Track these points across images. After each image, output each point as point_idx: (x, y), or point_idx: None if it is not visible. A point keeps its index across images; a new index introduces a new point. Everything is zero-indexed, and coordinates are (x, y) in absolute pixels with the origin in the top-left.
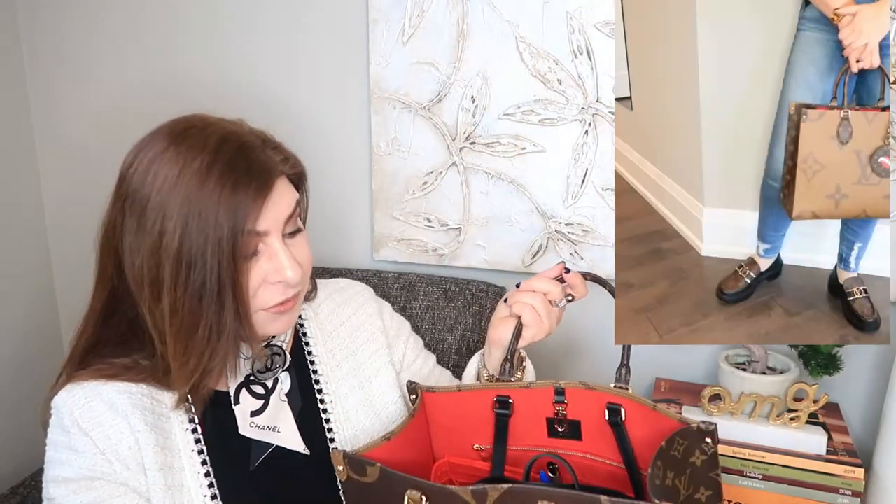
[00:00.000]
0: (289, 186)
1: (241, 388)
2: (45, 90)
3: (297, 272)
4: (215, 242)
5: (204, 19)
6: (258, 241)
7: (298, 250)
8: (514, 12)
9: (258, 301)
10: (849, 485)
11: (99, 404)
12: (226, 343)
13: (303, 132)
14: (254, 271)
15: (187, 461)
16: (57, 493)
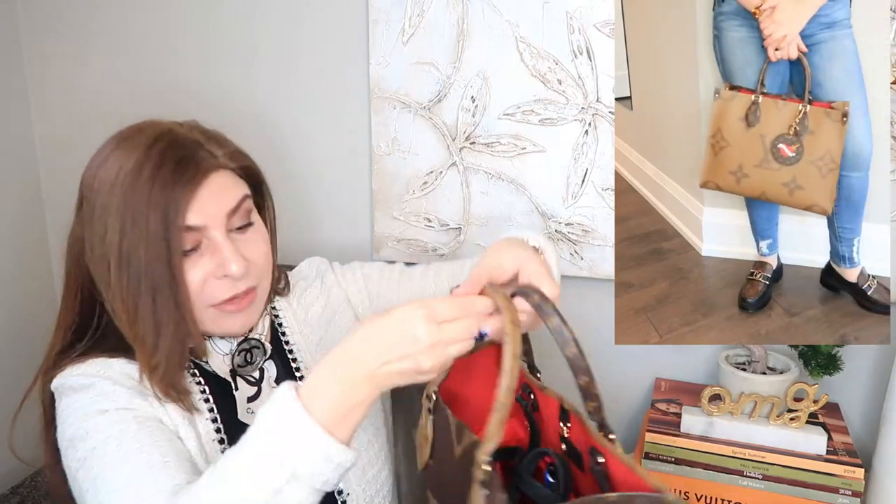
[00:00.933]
0: (232, 180)
1: (236, 377)
2: (44, 86)
3: (241, 266)
4: (148, 239)
5: (204, 19)
6: (197, 236)
7: (249, 245)
8: (514, 12)
9: (206, 297)
10: (849, 485)
11: (114, 372)
12: (168, 338)
13: (303, 132)
14: (197, 267)
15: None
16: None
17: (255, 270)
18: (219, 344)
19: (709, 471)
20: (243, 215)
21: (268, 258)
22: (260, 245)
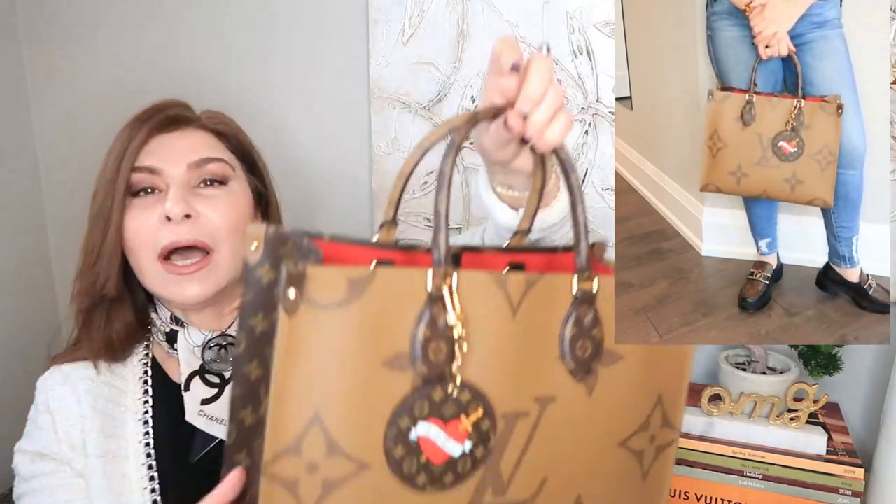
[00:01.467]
0: (211, 141)
1: (194, 377)
2: (44, 82)
3: (181, 208)
4: (107, 174)
5: (204, 20)
6: (153, 180)
7: (209, 200)
8: (514, 12)
9: (148, 242)
10: (849, 485)
11: (66, 388)
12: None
13: (303, 132)
14: (145, 209)
15: (132, 451)
16: (16, 461)
17: (207, 226)
18: (192, 335)
19: (708, 471)
20: (210, 174)
21: (231, 224)
22: (224, 206)
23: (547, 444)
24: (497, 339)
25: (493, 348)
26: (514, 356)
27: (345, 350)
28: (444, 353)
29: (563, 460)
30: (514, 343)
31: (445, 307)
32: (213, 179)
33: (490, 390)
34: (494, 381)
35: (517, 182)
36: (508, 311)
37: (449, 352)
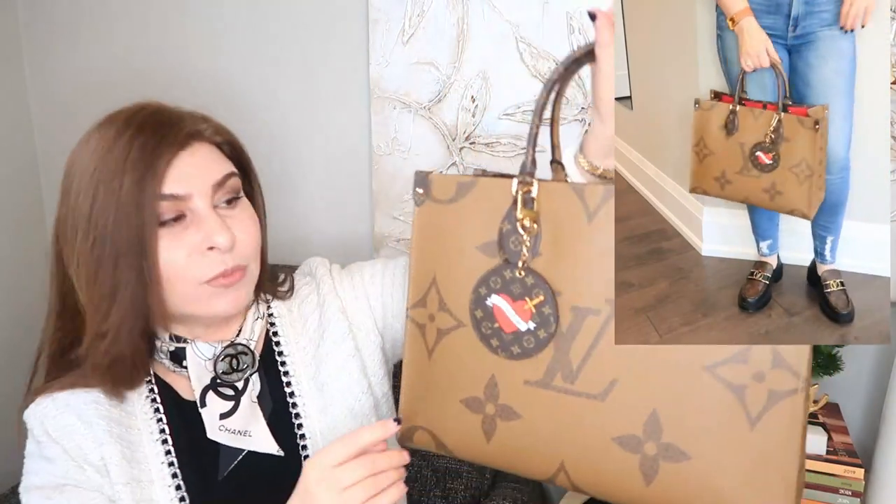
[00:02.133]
0: (217, 154)
1: (208, 391)
2: (43, 81)
3: (227, 237)
4: (119, 204)
5: (204, 20)
6: (179, 206)
7: (237, 221)
8: (514, 12)
9: (193, 273)
10: (849, 485)
11: (69, 415)
12: (122, 305)
13: (303, 132)
14: (180, 240)
15: (157, 474)
16: (30, 501)
17: (242, 249)
18: (201, 348)
19: None
20: (230, 191)
21: (257, 240)
22: (248, 224)
23: (617, 346)
24: (571, 240)
25: (566, 247)
26: (587, 257)
27: (452, 234)
28: (519, 244)
29: (634, 367)
30: (588, 246)
31: (524, 207)
32: (232, 197)
33: (558, 283)
34: (566, 276)
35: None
36: (584, 217)
37: (522, 243)
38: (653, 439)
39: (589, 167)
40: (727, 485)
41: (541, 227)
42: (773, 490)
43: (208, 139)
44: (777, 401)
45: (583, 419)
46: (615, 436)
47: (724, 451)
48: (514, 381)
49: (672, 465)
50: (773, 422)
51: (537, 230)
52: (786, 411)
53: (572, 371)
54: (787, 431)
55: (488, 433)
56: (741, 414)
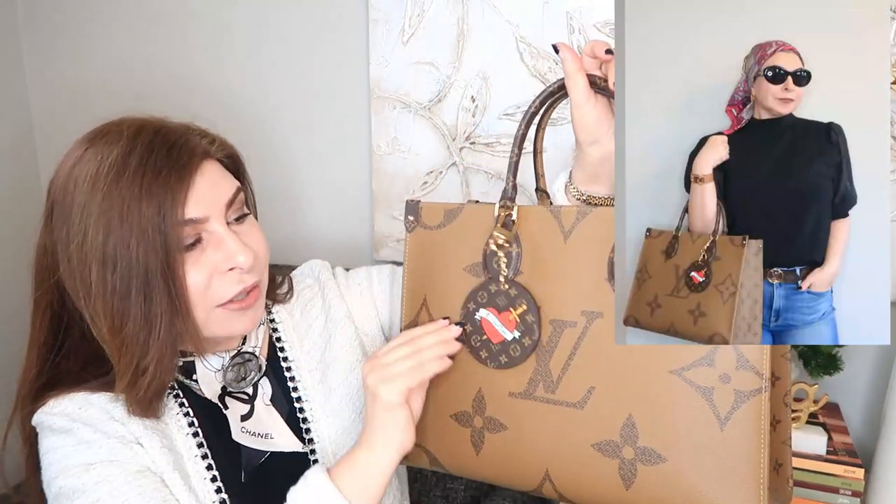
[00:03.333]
0: (222, 171)
1: (225, 396)
2: (44, 81)
3: (248, 256)
4: (141, 234)
5: (206, 18)
6: (198, 229)
7: (249, 237)
8: (514, 12)
9: (213, 295)
10: (849, 485)
11: (96, 411)
12: (159, 338)
13: (303, 132)
14: (200, 263)
15: (192, 468)
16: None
17: (258, 263)
18: (209, 360)
19: None
20: (239, 207)
21: (267, 251)
22: (260, 238)
23: (593, 355)
24: (549, 258)
25: (545, 265)
26: (563, 273)
27: (440, 258)
28: (502, 262)
29: (609, 375)
30: (565, 263)
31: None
32: (242, 214)
33: (539, 299)
34: (545, 291)
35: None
36: (561, 236)
37: (505, 261)
38: (629, 443)
39: (577, 194)
40: (702, 484)
41: (521, 247)
42: (745, 486)
43: (213, 157)
44: (744, 400)
45: (564, 427)
46: (595, 442)
47: (697, 451)
48: (499, 394)
49: (649, 468)
50: (741, 421)
51: (516, 249)
52: (752, 410)
53: (553, 381)
54: (754, 429)
55: (477, 446)
56: (711, 415)
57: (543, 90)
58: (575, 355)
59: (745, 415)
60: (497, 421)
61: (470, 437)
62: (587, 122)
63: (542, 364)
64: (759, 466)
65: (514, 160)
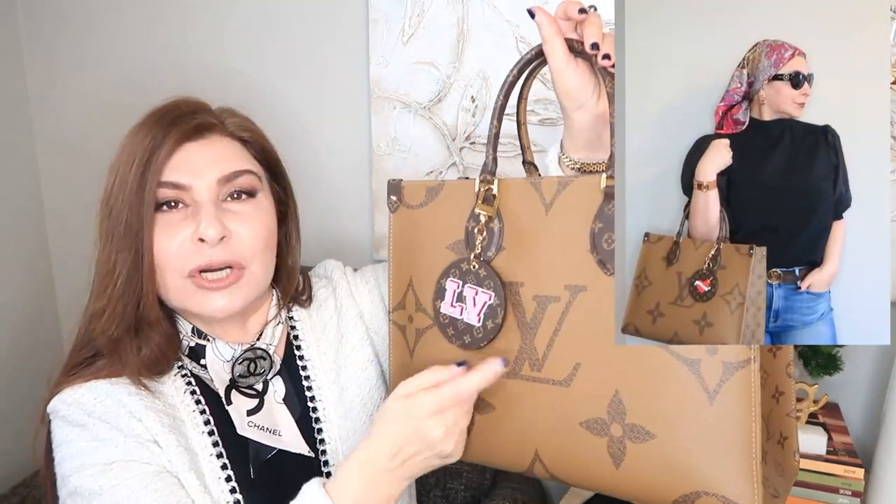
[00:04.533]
0: (236, 149)
1: (231, 390)
2: (44, 82)
3: (217, 230)
4: (126, 187)
5: (206, 18)
6: (179, 194)
7: (239, 217)
8: (514, 12)
9: (178, 262)
10: (849, 485)
11: (112, 403)
12: (115, 286)
13: (303, 132)
14: (175, 227)
15: (205, 464)
16: (84, 482)
17: (239, 247)
18: (220, 348)
19: None
20: (242, 186)
21: (262, 241)
22: (253, 222)
23: (578, 330)
24: (531, 232)
25: (527, 239)
26: (546, 247)
27: (424, 237)
28: (484, 241)
29: (594, 349)
30: (546, 236)
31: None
32: (241, 192)
33: (521, 274)
34: (527, 266)
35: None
36: (542, 208)
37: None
38: (617, 421)
39: (570, 163)
40: (692, 461)
41: (503, 222)
42: (737, 461)
43: (229, 133)
44: (732, 372)
45: (551, 406)
46: (582, 420)
47: (686, 427)
48: None
49: (638, 445)
50: (731, 394)
51: (498, 224)
52: (742, 382)
53: (538, 359)
54: (744, 403)
55: (468, 428)
56: (699, 389)
57: (520, 58)
58: (560, 331)
59: (735, 387)
60: (485, 401)
61: None
62: (570, 87)
63: (527, 341)
64: (750, 440)
65: (494, 132)
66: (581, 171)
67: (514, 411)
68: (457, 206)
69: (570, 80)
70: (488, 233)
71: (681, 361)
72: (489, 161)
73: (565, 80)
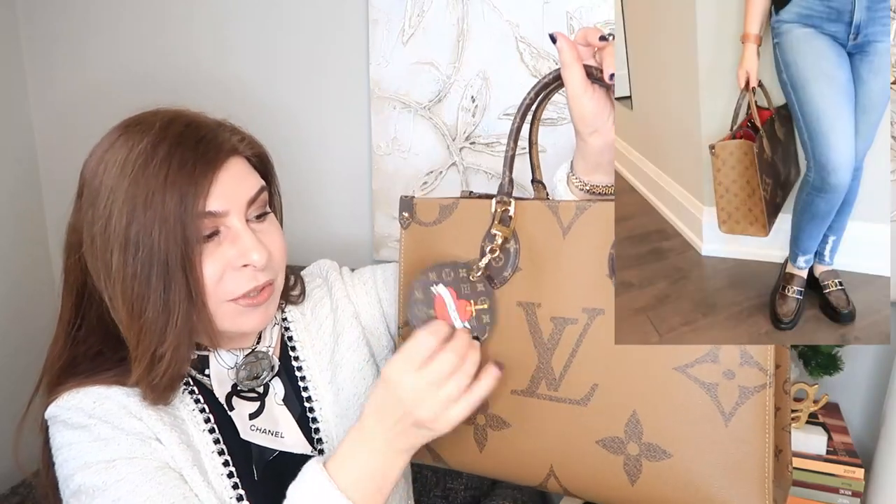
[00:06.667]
0: (248, 168)
1: (232, 396)
2: (44, 82)
3: (263, 254)
4: (163, 222)
5: (205, 17)
6: (216, 222)
7: (267, 236)
8: (514, 12)
9: (224, 289)
10: (849, 485)
11: (112, 405)
12: (176, 326)
13: (303, 132)
14: (215, 256)
15: (209, 464)
16: (87, 480)
17: (273, 263)
18: (223, 357)
19: None
20: (261, 205)
21: (284, 252)
22: (277, 237)
23: (595, 353)
24: (547, 255)
25: (543, 261)
26: (563, 270)
27: (438, 255)
28: (499, 261)
29: (612, 371)
30: (564, 259)
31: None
32: (262, 212)
33: (538, 295)
34: (544, 288)
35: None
36: (559, 232)
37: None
38: (634, 440)
39: (580, 184)
40: (707, 480)
41: (520, 243)
42: (750, 480)
43: (241, 154)
44: (748, 396)
45: (568, 424)
46: (599, 438)
47: (701, 447)
48: (501, 391)
49: (654, 463)
50: (746, 416)
51: (514, 245)
52: (757, 405)
53: (555, 379)
54: (759, 425)
55: (480, 443)
56: (715, 411)
57: (538, 81)
58: (577, 353)
59: (750, 410)
60: (500, 418)
61: (473, 434)
62: (586, 113)
63: (544, 361)
64: (763, 460)
65: (510, 154)
66: (590, 192)
67: (530, 428)
68: (472, 225)
69: (586, 105)
70: (504, 253)
71: (699, 385)
72: (505, 182)
73: (582, 106)
